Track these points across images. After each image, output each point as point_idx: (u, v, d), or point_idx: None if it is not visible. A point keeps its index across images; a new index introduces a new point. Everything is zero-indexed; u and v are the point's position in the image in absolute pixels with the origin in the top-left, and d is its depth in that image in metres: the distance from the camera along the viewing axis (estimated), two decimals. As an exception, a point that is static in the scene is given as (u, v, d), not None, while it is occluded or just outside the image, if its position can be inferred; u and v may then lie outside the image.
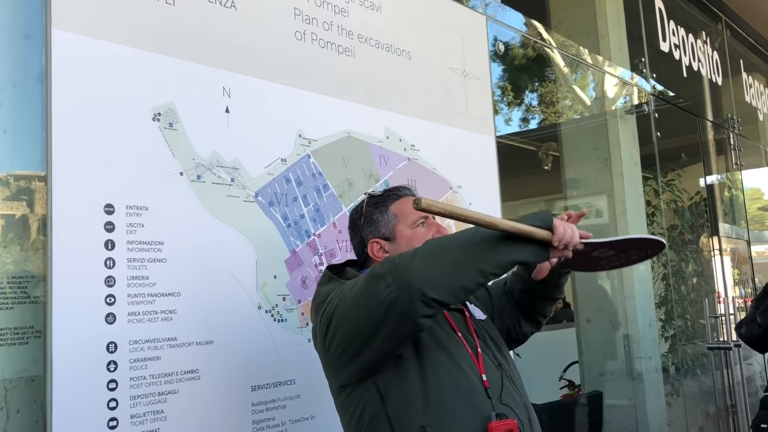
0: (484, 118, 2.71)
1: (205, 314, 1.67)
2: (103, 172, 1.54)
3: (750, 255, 5.85)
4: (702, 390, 4.68)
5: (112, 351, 1.50)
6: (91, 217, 1.51)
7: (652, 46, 4.38)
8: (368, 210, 1.57)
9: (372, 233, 1.55)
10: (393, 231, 1.54)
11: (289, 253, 1.90)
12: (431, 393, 1.35)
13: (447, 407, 1.34)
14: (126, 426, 1.50)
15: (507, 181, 2.81)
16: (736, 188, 5.81)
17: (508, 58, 5.75)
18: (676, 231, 4.97)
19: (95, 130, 1.54)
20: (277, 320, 1.83)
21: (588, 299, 4.28)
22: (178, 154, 1.68)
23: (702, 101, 5.27)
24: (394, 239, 1.54)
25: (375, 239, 1.55)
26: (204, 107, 1.75)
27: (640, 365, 3.96)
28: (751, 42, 6.18)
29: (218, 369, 1.68)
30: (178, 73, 1.71)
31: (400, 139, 2.30)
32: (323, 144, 2.04)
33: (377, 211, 1.57)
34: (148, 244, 1.59)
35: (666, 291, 4.53)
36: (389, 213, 1.56)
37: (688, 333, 4.80)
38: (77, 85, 1.52)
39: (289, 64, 1.98)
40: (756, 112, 6.32)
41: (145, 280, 1.58)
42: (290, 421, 1.83)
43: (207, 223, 1.71)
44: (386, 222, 1.55)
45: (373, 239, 1.55)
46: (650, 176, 4.51)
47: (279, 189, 1.89)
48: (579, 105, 4.60)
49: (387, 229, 1.55)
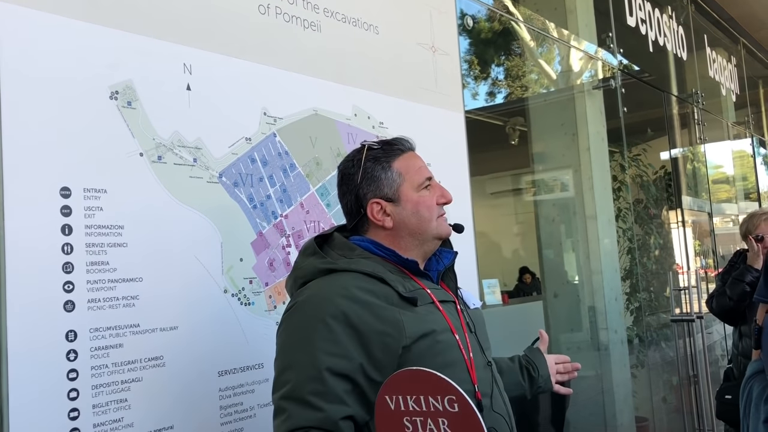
0: (452, 94, 2.68)
1: (169, 299, 1.62)
2: (58, 154, 1.46)
3: (712, 227, 5.96)
4: (665, 361, 4.78)
5: (72, 339, 1.45)
6: (46, 201, 1.44)
7: (618, 21, 4.38)
8: (368, 165, 1.43)
9: (372, 192, 1.41)
10: (397, 192, 1.42)
11: (256, 235, 1.85)
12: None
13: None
14: (88, 416, 1.45)
15: (474, 156, 2.79)
16: (699, 161, 5.90)
17: (475, 31, 5.70)
18: (641, 205, 5.03)
19: (49, 109, 1.46)
20: (244, 304, 1.79)
21: (555, 274, 4.32)
22: (137, 134, 1.61)
23: (667, 76, 5.31)
24: (398, 201, 1.42)
25: (376, 199, 1.41)
26: (164, 85, 1.68)
27: (605, 337, 4.03)
28: (715, 17, 6.23)
29: (183, 355, 1.64)
30: (136, 49, 1.63)
31: (368, 117, 2.26)
32: (289, 122, 1.98)
33: (379, 167, 1.42)
34: (107, 228, 1.53)
35: (631, 264, 4.59)
36: (393, 170, 1.42)
37: (653, 305, 4.89)
38: (27, 62, 1.44)
39: (252, 39, 1.91)
40: (719, 86, 6.40)
41: (105, 266, 1.52)
42: (259, 405, 1.80)
43: (169, 206, 1.65)
44: (390, 181, 1.42)
45: (374, 199, 1.41)
46: (616, 151, 4.55)
47: (244, 169, 1.84)
48: (545, 79, 4.59)
49: (390, 189, 1.41)
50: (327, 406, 1.24)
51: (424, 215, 1.43)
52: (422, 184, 1.44)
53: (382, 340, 1.29)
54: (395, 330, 1.30)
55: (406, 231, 1.43)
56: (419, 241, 1.44)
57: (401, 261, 1.41)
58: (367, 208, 1.42)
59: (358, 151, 1.47)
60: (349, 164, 1.46)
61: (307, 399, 1.24)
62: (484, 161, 7.64)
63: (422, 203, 1.43)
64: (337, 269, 1.36)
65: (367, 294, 1.31)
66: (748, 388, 2.23)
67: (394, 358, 1.29)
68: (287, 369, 1.30)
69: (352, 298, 1.30)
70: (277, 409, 1.29)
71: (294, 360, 1.29)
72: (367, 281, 1.33)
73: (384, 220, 1.42)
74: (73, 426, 1.43)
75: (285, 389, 1.27)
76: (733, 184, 7.11)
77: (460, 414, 1.06)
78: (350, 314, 1.29)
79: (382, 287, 1.34)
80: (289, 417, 1.24)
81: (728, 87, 6.64)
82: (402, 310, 1.32)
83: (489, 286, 4.68)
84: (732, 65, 6.84)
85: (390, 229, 1.42)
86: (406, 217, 1.42)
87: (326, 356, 1.26)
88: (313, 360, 1.26)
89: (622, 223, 4.54)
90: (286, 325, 1.36)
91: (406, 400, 1.10)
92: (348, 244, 1.42)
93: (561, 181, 4.38)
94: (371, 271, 1.35)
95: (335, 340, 1.27)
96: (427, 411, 1.09)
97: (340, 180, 1.48)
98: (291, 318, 1.35)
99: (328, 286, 1.34)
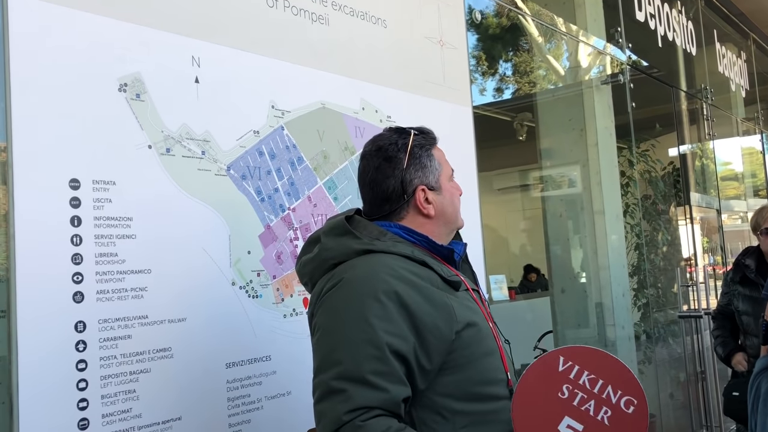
0: (460, 89, 2.67)
1: (177, 291, 1.63)
2: (67, 146, 1.47)
3: (720, 224, 5.93)
4: (672, 357, 4.77)
5: (81, 330, 1.46)
6: (55, 193, 1.45)
7: (627, 16, 4.36)
8: (416, 151, 1.39)
9: (419, 179, 1.39)
10: (438, 181, 1.41)
11: (264, 228, 1.85)
12: (468, 403, 1.30)
13: (479, 416, 1.30)
14: (97, 406, 1.46)
15: (482, 151, 2.79)
16: (708, 158, 5.87)
17: (483, 26, 5.69)
18: (649, 201, 5.01)
19: (58, 101, 1.46)
20: (252, 296, 1.80)
21: (562, 269, 4.31)
22: (146, 127, 1.61)
23: (676, 71, 5.29)
24: (439, 190, 1.41)
25: (422, 186, 1.39)
26: (172, 77, 1.68)
27: (613, 333, 4.02)
28: (724, 12, 6.19)
29: (191, 347, 1.65)
30: (144, 41, 1.64)
31: (376, 110, 2.26)
32: (297, 115, 1.99)
33: (425, 155, 1.40)
34: (116, 220, 1.54)
35: (639, 260, 4.58)
36: (434, 160, 1.42)
37: (660, 301, 4.87)
38: (38, 54, 1.44)
39: (260, 32, 1.92)
40: (728, 82, 6.36)
41: (113, 257, 1.53)
42: (266, 397, 1.81)
43: (177, 198, 1.66)
44: (434, 169, 1.41)
45: (421, 186, 1.39)
46: (624, 146, 4.53)
47: (252, 162, 1.84)
48: (553, 75, 4.57)
49: (434, 177, 1.41)
50: (391, 386, 1.19)
51: (456, 205, 1.46)
52: (451, 175, 1.47)
53: (434, 324, 1.26)
54: (447, 314, 1.28)
55: (444, 220, 1.43)
56: (449, 231, 1.46)
57: (434, 248, 1.38)
58: (414, 194, 1.39)
59: (400, 135, 1.42)
60: (394, 147, 1.40)
61: (369, 378, 1.18)
62: (492, 157, 7.62)
63: (455, 194, 1.46)
64: (376, 251, 1.31)
65: (413, 276, 1.28)
66: (757, 384, 2.21)
67: (446, 344, 1.27)
68: (340, 347, 1.22)
69: (402, 279, 1.26)
70: (328, 390, 1.20)
71: (348, 337, 1.22)
72: (410, 264, 1.30)
73: (428, 207, 1.40)
74: (82, 416, 1.44)
75: (339, 369, 1.20)
76: (742, 181, 7.07)
77: (629, 417, 1.06)
78: (402, 294, 1.24)
79: (425, 270, 1.31)
80: (348, 397, 1.17)
81: (738, 83, 6.60)
82: (448, 295, 1.31)
83: (496, 281, 4.67)
84: (742, 61, 6.80)
85: (431, 218, 1.41)
86: (446, 206, 1.43)
87: (385, 334, 1.21)
88: (371, 337, 1.20)
89: (630, 219, 4.53)
90: (331, 303, 1.29)
91: (581, 372, 1.10)
92: (377, 227, 1.37)
93: (568, 177, 4.37)
94: (411, 254, 1.32)
95: (390, 318, 1.22)
96: (597, 395, 1.10)
97: (380, 162, 1.39)
98: (337, 295, 1.28)
99: (374, 265, 1.28)
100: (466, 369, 1.30)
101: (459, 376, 1.29)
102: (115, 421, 1.49)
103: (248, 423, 1.76)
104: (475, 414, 1.30)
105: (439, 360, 1.27)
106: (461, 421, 1.28)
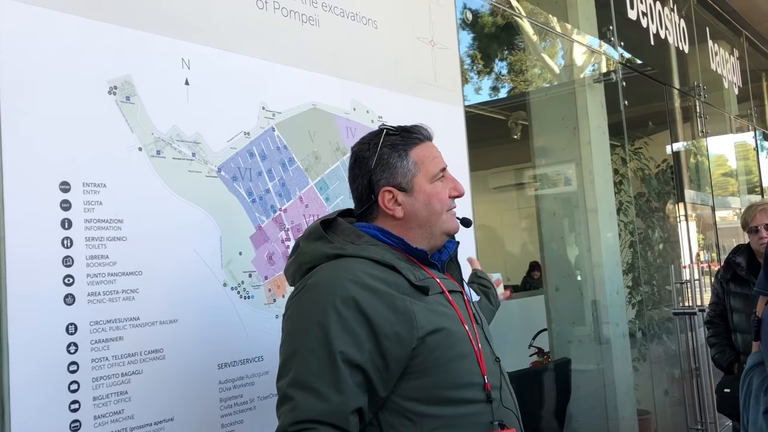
0: (452, 89, 2.68)
1: (169, 293, 1.64)
2: (57, 149, 1.48)
3: (714, 220, 5.95)
4: (667, 354, 4.79)
5: (72, 332, 1.46)
6: (45, 195, 1.45)
7: (619, 14, 4.37)
8: (385, 151, 1.38)
9: (386, 180, 1.37)
10: (411, 182, 1.38)
11: (255, 229, 1.86)
12: (437, 406, 1.28)
13: (451, 419, 1.29)
14: (88, 408, 1.47)
15: (478, 150, 2.80)
16: (702, 155, 5.89)
17: (478, 26, 5.70)
18: (643, 199, 5.03)
19: (48, 104, 1.47)
20: (244, 297, 1.80)
21: (556, 267, 4.32)
22: (136, 129, 1.62)
23: (669, 69, 5.30)
24: (411, 191, 1.38)
25: (388, 187, 1.37)
26: (162, 80, 1.69)
27: (607, 331, 4.03)
28: (717, 9, 6.21)
29: (183, 348, 1.65)
30: (134, 44, 1.64)
31: (367, 111, 2.26)
32: (288, 116, 1.99)
33: (396, 155, 1.38)
34: (107, 222, 1.54)
35: (633, 258, 4.59)
36: (409, 160, 1.39)
37: (654, 299, 4.89)
38: (27, 57, 1.45)
39: (250, 34, 1.92)
40: (721, 79, 6.38)
41: (104, 260, 1.53)
42: (259, 398, 1.82)
43: (168, 200, 1.66)
44: (405, 170, 1.38)
45: (387, 187, 1.37)
46: (618, 144, 4.54)
47: (242, 163, 1.85)
48: (548, 74, 4.59)
49: (405, 179, 1.38)
50: (336, 396, 1.19)
51: (435, 208, 1.40)
52: (436, 176, 1.41)
53: (393, 331, 1.24)
54: (408, 321, 1.26)
55: (416, 222, 1.40)
56: (428, 234, 1.41)
57: (410, 250, 1.38)
58: (379, 195, 1.38)
59: (375, 135, 1.42)
60: (365, 147, 1.41)
61: (316, 387, 1.19)
62: (487, 156, 7.63)
63: (435, 195, 1.40)
64: (346, 255, 1.31)
65: (377, 281, 1.27)
66: (748, 380, 2.23)
67: (407, 350, 1.25)
68: (295, 354, 1.24)
69: (363, 285, 1.26)
70: (282, 397, 1.23)
71: (303, 345, 1.23)
72: (377, 268, 1.30)
73: (395, 209, 1.38)
74: (74, 418, 1.44)
75: (292, 375, 1.22)
76: (737, 178, 7.09)
77: None
78: (361, 301, 1.24)
79: (392, 275, 1.30)
80: (295, 407, 1.19)
81: (731, 80, 6.61)
82: (413, 300, 1.29)
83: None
84: (734, 58, 6.81)
85: (399, 219, 1.39)
86: (417, 209, 1.39)
87: (338, 342, 1.21)
88: (324, 346, 1.21)
89: (624, 217, 4.54)
90: (293, 310, 1.30)
91: None
92: (355, 230, 1.37)
93: (562, 175, 4.38)
94: (381, 258, 1.31)
95: (346, 326, 1.22)
96: None
97: (353, 162, 1.42)
98: (299, 302, 1.29)
99: (337, 271, 1.29)
100: (433, 373, 1.28)
101: (425, 380, 1.28)
102: (107, 423, 1.50)
103: (241, 423, 1.76)
104: (446, 417, 1.28)
105: (398, 366, 1.26)
106: (430, 424, 1.27)
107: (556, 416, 3.66)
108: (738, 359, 3.18)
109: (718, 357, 3.33)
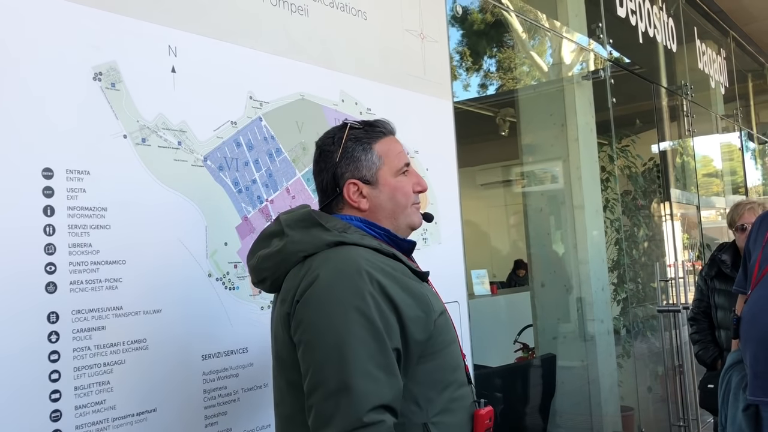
0: (441, 83, 2.67)
1: (152, 282, 1.62)
2: (40, 135, 1.45)
3: (699, 220, 5.99)
4: (651, 351, 4.81)
5: (54, 321, 1.44)
6: (27, 182, 1.43)
7: (609, 12, 4.38)
8: (349, 144, 1.40)
9: (351, 173, 1.39)
10: (376, 175, 1.40)
11: (241, 220, 1.84)
12: (440, 391, 1.31)
13: (447, 403, 1.32)
14: (70, 398, 1.45)
15: (465, 147, 2.79)
16: (688, 154, 5.92)
17: (467, 22, 5.69)
18: (629, 196, 5.05)
19: (31, 89, 1.45)
20: (228, 288, 1.79)
21: (542, 264, 4.33)
22: (121, 116, 1.60)
23: (657, 68, 5.32)
24: (375, 184, 1.40)
25: (353, 180, 1.39)
26: (148, 67, 1.67)
27: (592, 328, 4.05)
28: (705, 9, 6.24)
29: (167, 338, 1.64)
30: (120, 30, 1.62)
31: (355, 102, 2.25)
32: (275, 107, 1.98)
33: (360, 148, 1.40)
34: (90, 210, 1.52)
35: (618, 255, 4.61)
36: (373, 153, 1.40)
37: (639, 296, 4.92)
38: (10, 41, 1.42)
39: (239, 22, 1.90)
40: (708, 79, 6.41)
41: (87, 248, 1.51)
42: (243, 389, 1.80)
43: (153, 189, 1.64)
44: (369, 163, 1.39)
45: (351, 180, 1.39)
46: (605, 142, 4.56)
47: (229, 153, 1.83)
48: (537, 71, 4.59)
49: (369, 172, 1.39)
50: (396, 381, 1.21)
51: (399, 201, 1.42)
52: (400, 170, 1.43)
53: (416, 315, 1.27)
54: (425, 304, 1.29)
55: (381, 215, 1.41)
56: (393, 227, 1.43)
57: (394, 241, 1.40)
58: (344, 188, 1.39)
59: (339, 129, 1.44)
60: (329, 141, 1.43)
61: (376, 374, 1.18)
62: (475, 152, 7.65)
63: (399, 189, 1.42)
64: (347, 242, 1.31)
65: (389, 268, 1.29)
66: (727, 378, 2.24)
67: (427, 333, 1.28)
68: (342, 345, 1.20)
69: (382, 271, 1.27)
70: (336, 391, 1.18)
71: (348, 334, 1.20)
72: (380, 256, 1.31)
73: (359, 201, 1.40)
74: (55, 408, 1.42)
75: (344, 366, 1.18)
76: (722, 178, 7.14)
77: None
78: (386, 286, 1.25)
79: (396, 263, 1.33)
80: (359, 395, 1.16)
81: (717, 80, 6.66)
82: (422, 284, 1.33)
83: (478, 276, 4.69)
84: (721, 58, 6.86)
85: (365, 211, 1.41)
86: (382, 201, 1.41)
87: (382, 327, 1.21)
88: (371, 332, 1.20)
89: (610, 214, 4.56)
90: (317, 301, 1.25)
91: None
92: (341, 221, 1.37)
93: (550, 172, 4.39)
94: (379, 246, 1.33)
95: (381, 311, 1.22)
96: None
97: (318, 156, 1.44)
98: (325, 292, 1.25)
99: (352, 258, 1.27)
100: (438, 356, 1.32)
101: (433, 364, 1.31)
102: (88, 413, 1.48)
103: (224, 415, 1.75)
104: (445, 401, 1.31)
105: (417, 350, 1.28)
106: (433, 410, 1.29)
107: (540, 412, 3.67)
108: (721, 356, 3.21)
109: (701, 353, 3.35)
